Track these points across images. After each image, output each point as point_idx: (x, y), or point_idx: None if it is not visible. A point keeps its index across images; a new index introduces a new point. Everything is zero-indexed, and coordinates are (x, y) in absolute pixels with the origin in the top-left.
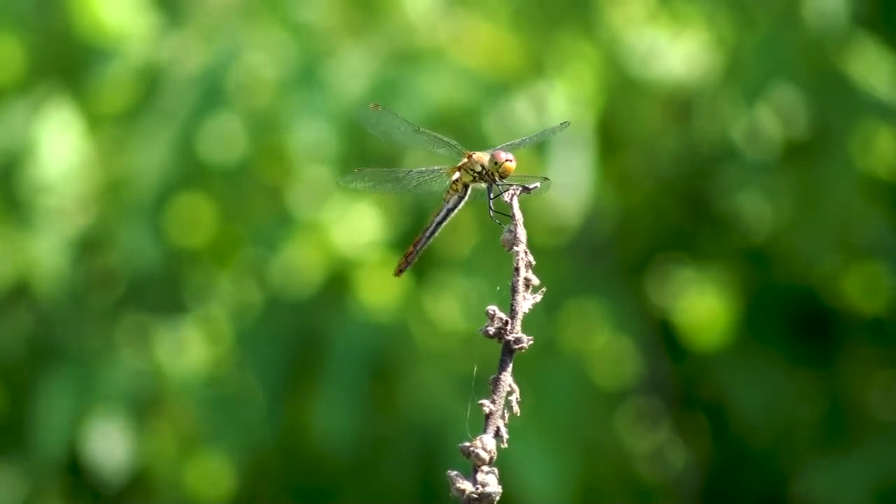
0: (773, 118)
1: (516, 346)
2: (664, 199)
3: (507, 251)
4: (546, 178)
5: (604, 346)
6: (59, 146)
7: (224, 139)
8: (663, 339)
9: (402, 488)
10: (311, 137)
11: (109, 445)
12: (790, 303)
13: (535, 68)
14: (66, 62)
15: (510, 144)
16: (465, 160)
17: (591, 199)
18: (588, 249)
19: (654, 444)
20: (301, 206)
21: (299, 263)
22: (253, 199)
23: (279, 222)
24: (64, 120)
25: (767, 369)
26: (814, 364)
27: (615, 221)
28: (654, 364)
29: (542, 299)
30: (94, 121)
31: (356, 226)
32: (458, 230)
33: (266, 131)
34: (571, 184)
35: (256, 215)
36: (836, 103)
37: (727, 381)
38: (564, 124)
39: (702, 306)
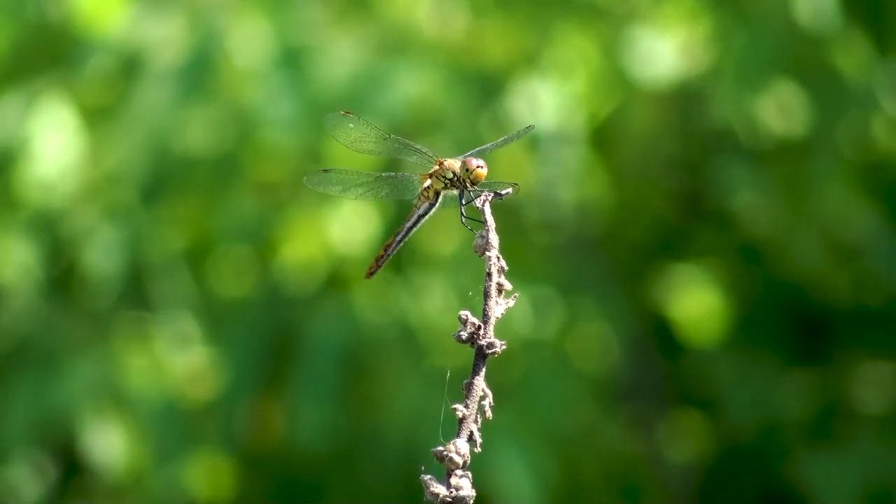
0: (766, 113)
1: (489, 351)
2: (659, 196)
3: (480, 256)
4: (515, 184)
5: (597, 345)
6: (54, 142)
7: (206, 132)
8: (658, 337)
9: (384, 488)
10: (285, 123)
11: (102, 441)
12: (784, 300)
13: (528, 63)
14: (50, 54)
15: (477, 150)
16: (437, 167)
17: (582, 195)
18: (581, 247)
19: (648, 443)
20: (291, 202)
21: (289, 258)
22: (241, 194)
23: (266, 218)
24: (57, 115)
25: (761, 366)
26: (807, 361)
27: (609, 218)
28: (647, 362)
29: (535, 297)
30: (83, 115)
31: (346, 222)
32: (440, 230)
33: (248, 123)
34: (562, 179)
35: (244, 211)
36: (827, 98)
37: (721, 378)
38: (529, 127)
39: (696, 304)
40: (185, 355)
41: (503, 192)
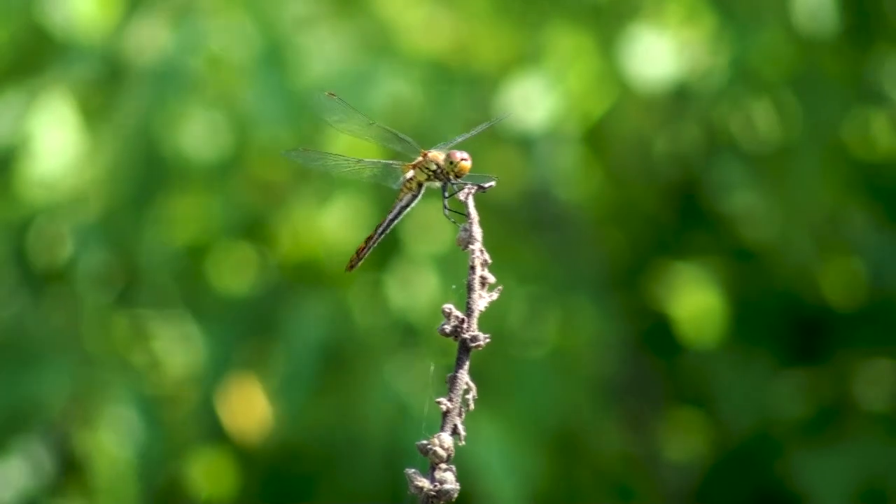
0: (761, 114)
1: (473, 345)
2: (654, 195)
3: (463, 250)
4: (497, 177)
5: (591, 344)
6: (54, 140)
7: (198, 131)
8: (654, 336)
9: (372, 485)
10: (273, 120)
11: (94, 441)
12: (780, 299)
13: (521, 62)
14: (48, 55)
15: (454, 142)
16: (421, 158)
17: (577, 194)
18: (577, 246)
19: (644, 443)
20: (286, 200)
21: (280, 257)
22: (236, 193)
23: (261, 216)
24: (58, 113)
25: (758, 366)
26: (803, 360)
27: (604, 217)
28: (644, 361)
29: (530, 296)
30: (80, 114)
31: (344, 218)
32: (430, 227)
33: (238, 120)
34: (557, 178)
35: (239, 209)
36: (822, 99)
37: (718, 377)
38: (499, 118)
39: (693, 303)
40: (178, 352)
41: (486, 184)
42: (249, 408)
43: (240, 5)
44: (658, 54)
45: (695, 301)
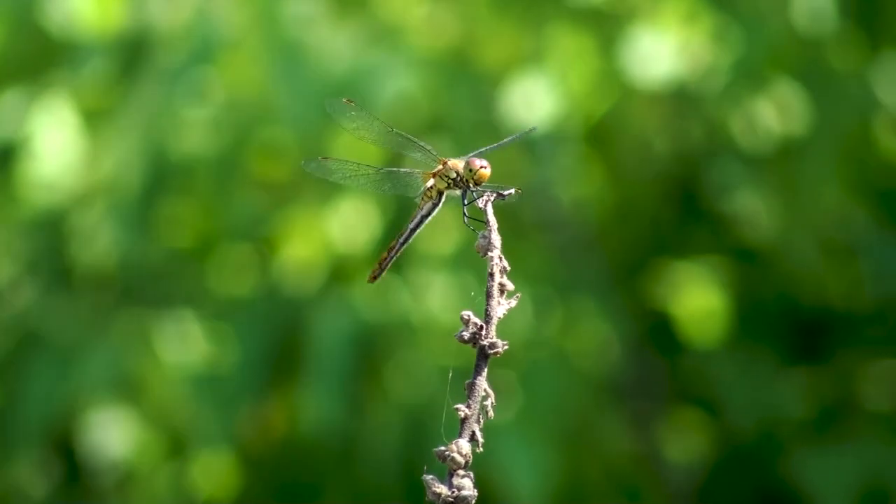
0: (763, 114)
1: (491, 352)
2: (655, 195)
3: (482, 257)
4: (519, 189)
5: (595, 344)
6: (55, 141)
7: (207, 131)
8: (657, 335)
9: (387, 480)
10: (283, 117)
11: (104, 437)
12: (781, 299)
13: (523, 62)
14: (50, 54)
15: (479, 151)
16: (440, 167)
17: (579, 194)
18: (579, 245)
19: (647, 442)
20: (293, 200)
21: (291, 256)
22: (243, 193)
23: (268, 216)
24: (58, 114)
25: (760, 365)
26: (806, 360)
27: (607, 216)
28: (647, 361)
29: (534, 296)
30: (83, 115)
31: (349, 218)
32: (441, 227)
33: (247, 118)
34: (559, 178)
35: (246, 210)
36: (824, 99)
37: (721, 377)
38: (532, 129)
39: (696, 303)
40: (189, 353)
41: (506, 192)
42: (269, 412)
43: (249, 4)
44: (658, 54)
45: (697, 300)
